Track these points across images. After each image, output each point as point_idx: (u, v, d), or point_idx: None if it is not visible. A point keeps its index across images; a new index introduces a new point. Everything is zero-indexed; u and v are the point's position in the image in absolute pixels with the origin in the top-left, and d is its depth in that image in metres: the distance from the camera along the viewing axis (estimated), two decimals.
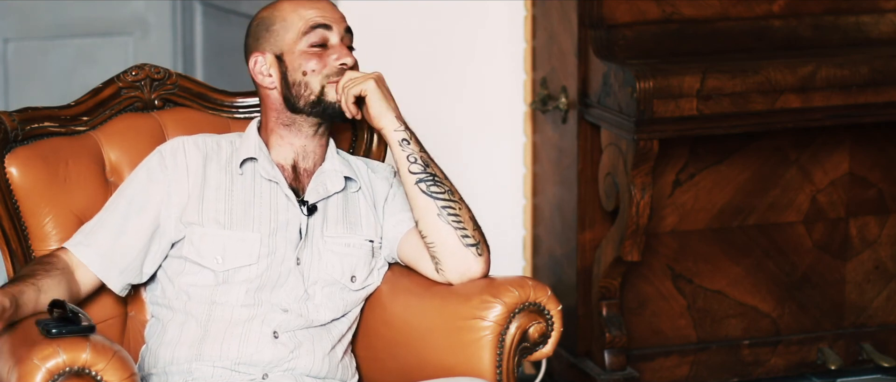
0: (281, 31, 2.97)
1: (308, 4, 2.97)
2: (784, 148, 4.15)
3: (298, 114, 2.97)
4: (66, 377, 2.52)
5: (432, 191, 2.93)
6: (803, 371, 4.27)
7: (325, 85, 2.95)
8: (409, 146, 2.95)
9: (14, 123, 2.98)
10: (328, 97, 2.95)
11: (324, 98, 2.95)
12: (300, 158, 3.01)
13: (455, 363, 2.89)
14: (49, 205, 2.98)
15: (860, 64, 3.90)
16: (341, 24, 2.99)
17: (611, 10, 3.98)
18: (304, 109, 2.96)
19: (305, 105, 2.96)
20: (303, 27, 2.95)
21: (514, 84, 4.33)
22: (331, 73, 2.95)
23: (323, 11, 2.97)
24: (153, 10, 5.55)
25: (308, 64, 2.95)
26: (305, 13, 2.96)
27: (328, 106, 2.96)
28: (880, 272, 4.31)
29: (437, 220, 2.92)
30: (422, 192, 2.93)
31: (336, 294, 2.98)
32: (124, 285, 2.94)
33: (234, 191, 2.96)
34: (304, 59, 2.95)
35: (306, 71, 2.95)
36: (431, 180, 2.94)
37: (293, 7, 2.98)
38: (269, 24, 2.99)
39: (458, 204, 2.95)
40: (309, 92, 2.95)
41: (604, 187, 3.99)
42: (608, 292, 4.03)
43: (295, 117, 2.98)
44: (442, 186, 2.95)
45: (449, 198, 2.94)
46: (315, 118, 2.97)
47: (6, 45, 5.42)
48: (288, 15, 2.97)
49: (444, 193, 2.94)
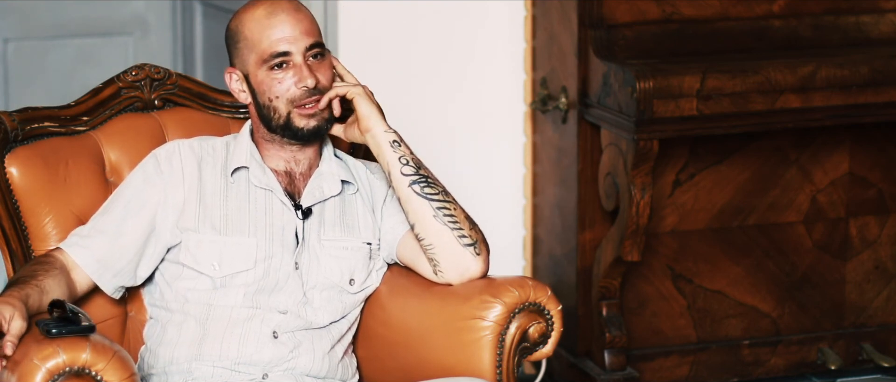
0: (244, 50, 2.93)
1: (266, 22, 2.89)
2: (784, 148, 4.15)
3: (275, 133, 2.95)
4: (66, 377, 2.52)
5: (426, 192, 2.92)
6: (803, 371, 4.27)
7: (292, 110, 2.90)
8: (400, 147, 2.94)
9: (14, 123, 2.98)
10: (296, 123, 2.91)
11: (292, 123, 2.91)
12: (293, 165, 2.99)
13: (455, 363, 2.88)
14: (49, 205, 2.97)
15: (860, 64, 3.90)
16: (302, 42, 2.89)
17: (611, 10, 3.97)
18: (277, 131, 2.94)
19: (277, 127, 2.93)
20: (264, 55, 2.89)
21: (514, 84, 4.33)
22: (295, 98, 2.90)
23: (282, 32, 2.88)
24: (153, 10, 5.55)
25: (272, 89, 2.90)
26: (265, 35, 2.88)
27: (297, 131, 2.92)
28: (880, 272, 4.31)
29: (433, 222, 2.91)
30: (416, 194, 2.92)
31: (335, 297, 2.97)
32: (117, 287, 2.94)
33: (229, 196, 2.95)
34: (267, 83, 2.90)
35: (271, 97, 2.90)
36: (425, 182, 2.93)
37: (253, 23, 2.90)
38: (235, 40, 2.94)
39: (452, 205, 2.93)
40: (278, 116, 2.91)
41: (604, 187, 3.99)
42: (608, 292, 4.03)
43: (273, 135, 2.95)
44: (435, 187, 2.94)
45: (443, 199, 2.93)
46: (290, 139, 2.95)
47: (6, 45, 5.42)
48: (249, 33, 2.91)
49: (439, 194, 2.93)
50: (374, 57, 4.23)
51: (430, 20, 4.26)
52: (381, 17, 4.22)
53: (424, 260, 2.96)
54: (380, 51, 4.24)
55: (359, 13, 4.21)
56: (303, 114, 2.91)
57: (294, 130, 2.92)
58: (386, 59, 4.25)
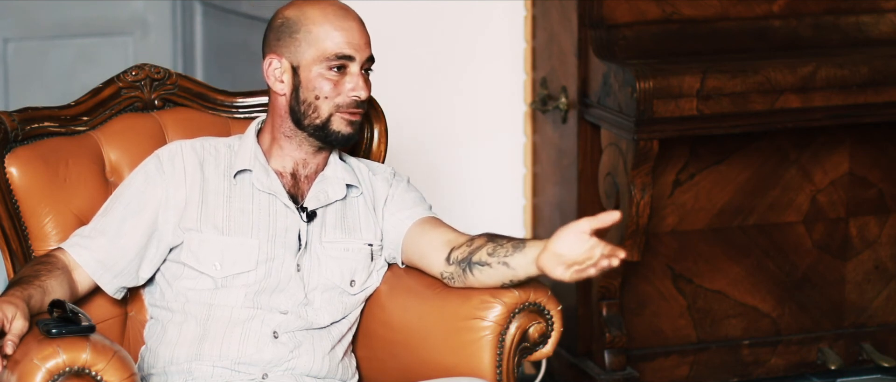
0: (303, 43, 2.91)
1: (338, 23, 2.89)
2: (784, 148, 4.15)
3: (302, 130, 2.95)
4: (66, 377, 2.52)
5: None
6: (803, 371, 4.27)
7: (334, 113, 2.90)
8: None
9: (14, 123, 2.98)
10: (333, 126, 2.91)
11: (329, 125, 2.91)
12: (300, 167, 2.99)
13: (455, 363, 2.89)
14: (49, 205, 2.97)
15: (860, 64, 3.90)
16: (365, 52, 2.91)
17: (611, 10, 3.98)
18: (308, 129, 2.93)
19: (310, 126, 2.92)
20: (327, 53, 2.89)
21: (514, 84, 4.33)
22: (342, 103, 2.90)
23: (351, 37, 2.90)
24: (153, 10, 5.55)
25: (322, 88, 2.90)
26: (333, 34, 2.89)
27: (331, 133, 2.91)
28: (880, 272, 4.31)
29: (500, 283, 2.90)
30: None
31: (335, 298, 2.97)
32: (118, 288, 2.94)
33: (232, 197, 2.95)
34: (319, 81, 2.90)
35: (318, 95, 2.90)
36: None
37: (323, 20, 2.90)
38: (293, 29, 2.91)
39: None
40: (316, 115, 2.91)
41: (604, 187, 3.99)
42: (608, 292, 4.03)
43: (297, 131, 2.95)
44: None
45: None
46: (316, 140, 2.95)
47: (6, 45, 5.42)
48: (315, 28, 2.89)
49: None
50: (374, 57, 4.23)
51: (430, 20, 4.26)
52: (381, 18, 4.22)
53: (431, 257, 2.94)
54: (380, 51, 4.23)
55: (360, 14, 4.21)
56: (344, 119, 2.90)
57: (328, 132, 2.91)
58: (386, 59, 4.24)
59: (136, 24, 5.54)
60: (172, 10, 5.54)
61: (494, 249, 2.85)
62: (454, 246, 2.91)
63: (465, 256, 2.88)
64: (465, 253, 2.88)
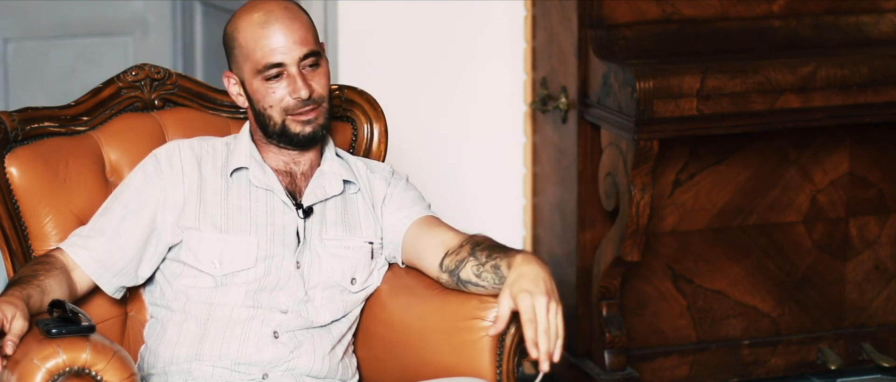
0: (239, 58, 2.93)
1: (260, 32, 2.88)
2: (784, 148, 4.15)
3: (270, 138, 2.96)
4: (66, 377, 2.52)
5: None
6: (803, 371, 4.27)
7: (286, 118, 2.91)
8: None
9: (14, 123, 2.98)
10: (291, 129, 2.91)
11: (287, 130, 2.92)
12: (293, 165, 2.99)
13: (455, 363, 2.89)
14: (49, 205, 2.97)
15: (860, 64, 3.90)
16: (297, 52, 2.88)
17: (611, 10, 3.98)
18: (273, 137, 2.94)
19: (273, 134, 2.94)
20: (258, 65, 2.89)
21: (514, 84, 4.33)
22: (289, 107, 2.90)
23: (276, 42, 2.87)
24: (153, 10, 5.55)
25: (267, 98, 2.90)
26: (261, 44, 2.88)
27: (293, 136, 2.92)
28: (880, 272, 4.31)
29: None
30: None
31: (336, 296, 2.97)
32: (118, 287, 2.94)
33: (230, 195, 2.95)
34: (262, 92, 2.91)
35: (266, 105, 2.91)
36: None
37: (247, 31, 2.90)
38: (230, 46, 2.95)
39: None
40: (273, 123, 2.92)
41: (604, 187, 3.99)
42: (608, 292, 4.03)
43: (269, 138, 2.96)
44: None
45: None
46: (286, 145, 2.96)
47: (6, 45, 5.42)
48: (243, 41, 2.90)
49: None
50: (374, 57, 4.23)
51: (430, 20, 4.26)
52: (381, 17, 4.22)
53: (427, 259, 2.95)
54: (380, 51, 4.24)
55: (359, 13, 4.21)
56: (298, 121, 2.91)
57: (290, 136, 2.93)
58: (386, 59, 4.25)
59: (136, 24, 5.54)
60: (172, 10, 5.54)
61: (479, 269, 2.86)
62: (448, 250, 2.92)
63: (454, 267, 2.90)
64: (454, 264, 2.90)
